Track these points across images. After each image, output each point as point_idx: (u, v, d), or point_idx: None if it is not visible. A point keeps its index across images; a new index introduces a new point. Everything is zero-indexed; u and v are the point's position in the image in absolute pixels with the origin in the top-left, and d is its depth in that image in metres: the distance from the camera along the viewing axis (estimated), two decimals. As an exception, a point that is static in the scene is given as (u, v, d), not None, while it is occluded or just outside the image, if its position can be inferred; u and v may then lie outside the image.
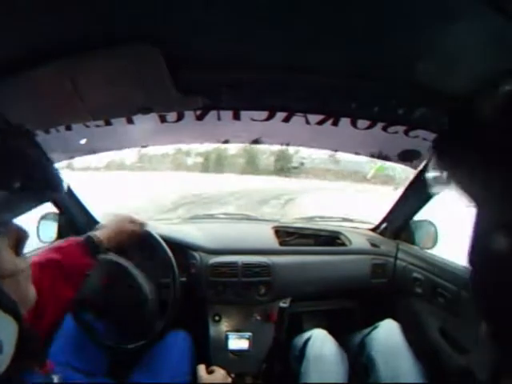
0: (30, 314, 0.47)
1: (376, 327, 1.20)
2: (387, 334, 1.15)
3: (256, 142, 1.26)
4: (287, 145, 1.32)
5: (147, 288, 1.15)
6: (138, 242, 1.20)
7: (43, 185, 0.47)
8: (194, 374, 1.01)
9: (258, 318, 1.33)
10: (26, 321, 0.44)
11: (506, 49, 0.58)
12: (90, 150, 1.25)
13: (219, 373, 0.95)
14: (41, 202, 0.49)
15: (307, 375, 1.05)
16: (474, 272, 0.38)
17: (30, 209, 0.47)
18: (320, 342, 1.14)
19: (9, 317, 0.41)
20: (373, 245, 1.51)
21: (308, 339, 1.16)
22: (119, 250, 1.01)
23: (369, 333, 1.19)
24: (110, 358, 1.12)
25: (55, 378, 0.50)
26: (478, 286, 0.39)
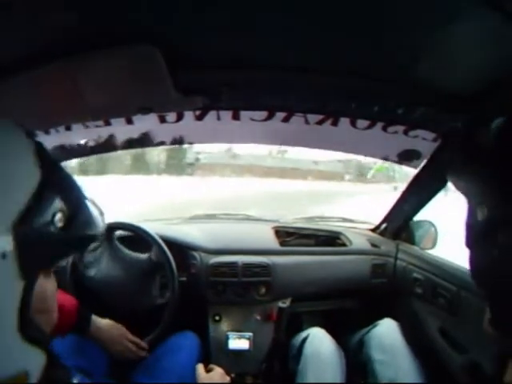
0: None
1: (375, 326, 1.20)
2: (386, 332, 1.15)
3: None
4: (285, 145, 1.32)
5: (147, 288, 1.16)
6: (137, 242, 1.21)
7: (85, 225, 0.44)
8: None
9: (258, 317, 1.33)
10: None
11: (506, 48, 0.58)
12: (90, 151, 1.25)
13: (217, 371, 0.95)
14: (84, 244, 0.48)
15: (305, 374, 1.05)
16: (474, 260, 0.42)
17: (74, 252, 0.46)
18: (318, 341, 1.14)
19: (38, 350, 0.40)
20: (373, 245, 1.50)
21: (306, 338, 1.16)
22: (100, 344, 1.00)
23: (367, 331, 1.19)
24: (110, 357, 1.12)
25: (75, 379, 0.49)
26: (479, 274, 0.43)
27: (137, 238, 1.19)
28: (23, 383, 0.37)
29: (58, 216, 0.39)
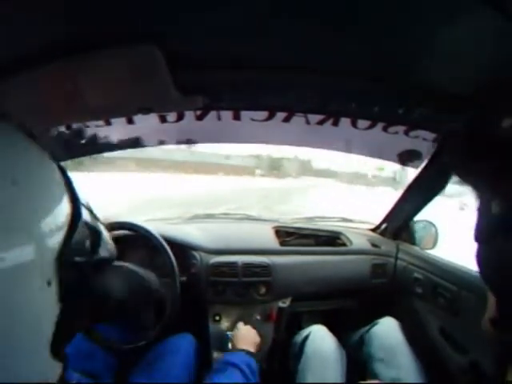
0: None
1: (375, 324, 1.19)
2: (386, 330, 1.15)
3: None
4: (286, 145, 1.32)
5: (147, 288, 1.16)
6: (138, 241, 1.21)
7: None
8: (199, 377, 1.02)
9: (258, 317, 1.33)
10: None
11: (506, 48, 0.58)
12: (91, 150, 1.25)
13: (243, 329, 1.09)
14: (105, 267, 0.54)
15: (306, 372, 1.04)
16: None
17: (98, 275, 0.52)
18: (319, 339, 1.14)
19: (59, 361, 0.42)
20: (373, 245, 1.50)
21: (307, 336, 1.16)
22: None
23: (368, 330, 1.19)
24: (113, 359, 1.12)
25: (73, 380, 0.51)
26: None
27: (137, 237, 1.19)
28: None
29: (87, 244, 0.43)
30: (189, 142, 1.32)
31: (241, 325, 1.20)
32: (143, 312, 1.13)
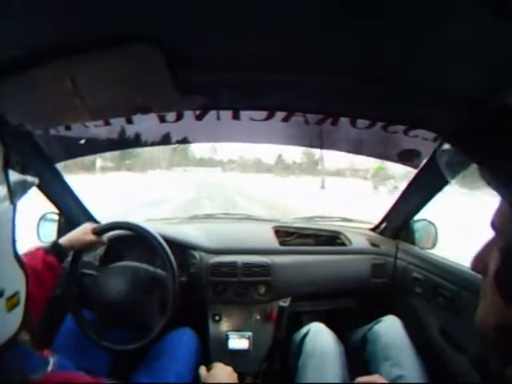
0: None
1: (377, 322, 1.19)
2: (389, 329, 1.15)
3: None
4: (285, 144, 1.32)
5: (147, 288, 1.16)
6: (138, 241, 1.21)
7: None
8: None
9: (258, 317, 1.33)
10: None
11: (506, 48, 0.58)
12: (90, 150, 1.25)
13: (219, 367, 0.90)
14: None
15: (305, 370, 1.04)
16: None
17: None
18: (318, 336, 1.13)
19: (23, 272, 0.47)
20: (373, 244, 1.51)
21: (306, 333, 1.16)
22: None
23: (370, 328, 1.19)
24: (111, 357, 1.13)
25: (51, 361, 0.53)
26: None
27: (138, 237, 1.19)
28: (16, 303, 0.45)
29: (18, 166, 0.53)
30: (188, 141, 1.32)
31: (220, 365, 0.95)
32: (145, 311, 1.13)
